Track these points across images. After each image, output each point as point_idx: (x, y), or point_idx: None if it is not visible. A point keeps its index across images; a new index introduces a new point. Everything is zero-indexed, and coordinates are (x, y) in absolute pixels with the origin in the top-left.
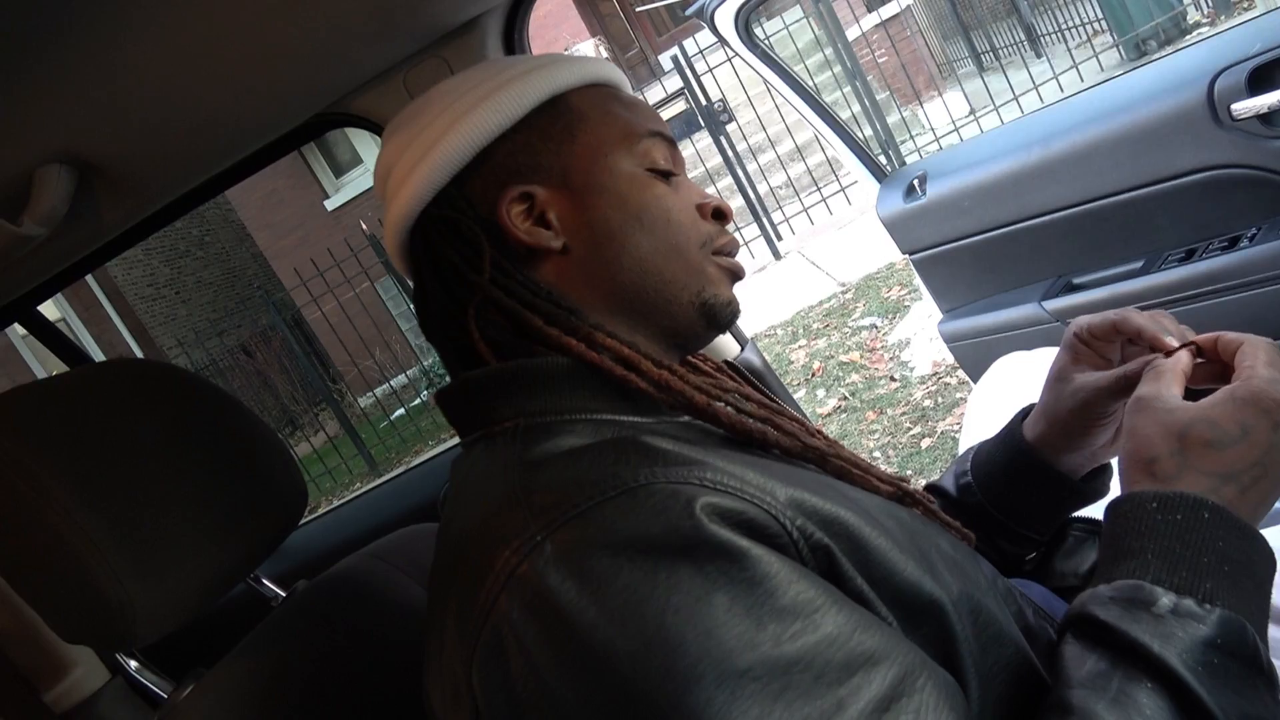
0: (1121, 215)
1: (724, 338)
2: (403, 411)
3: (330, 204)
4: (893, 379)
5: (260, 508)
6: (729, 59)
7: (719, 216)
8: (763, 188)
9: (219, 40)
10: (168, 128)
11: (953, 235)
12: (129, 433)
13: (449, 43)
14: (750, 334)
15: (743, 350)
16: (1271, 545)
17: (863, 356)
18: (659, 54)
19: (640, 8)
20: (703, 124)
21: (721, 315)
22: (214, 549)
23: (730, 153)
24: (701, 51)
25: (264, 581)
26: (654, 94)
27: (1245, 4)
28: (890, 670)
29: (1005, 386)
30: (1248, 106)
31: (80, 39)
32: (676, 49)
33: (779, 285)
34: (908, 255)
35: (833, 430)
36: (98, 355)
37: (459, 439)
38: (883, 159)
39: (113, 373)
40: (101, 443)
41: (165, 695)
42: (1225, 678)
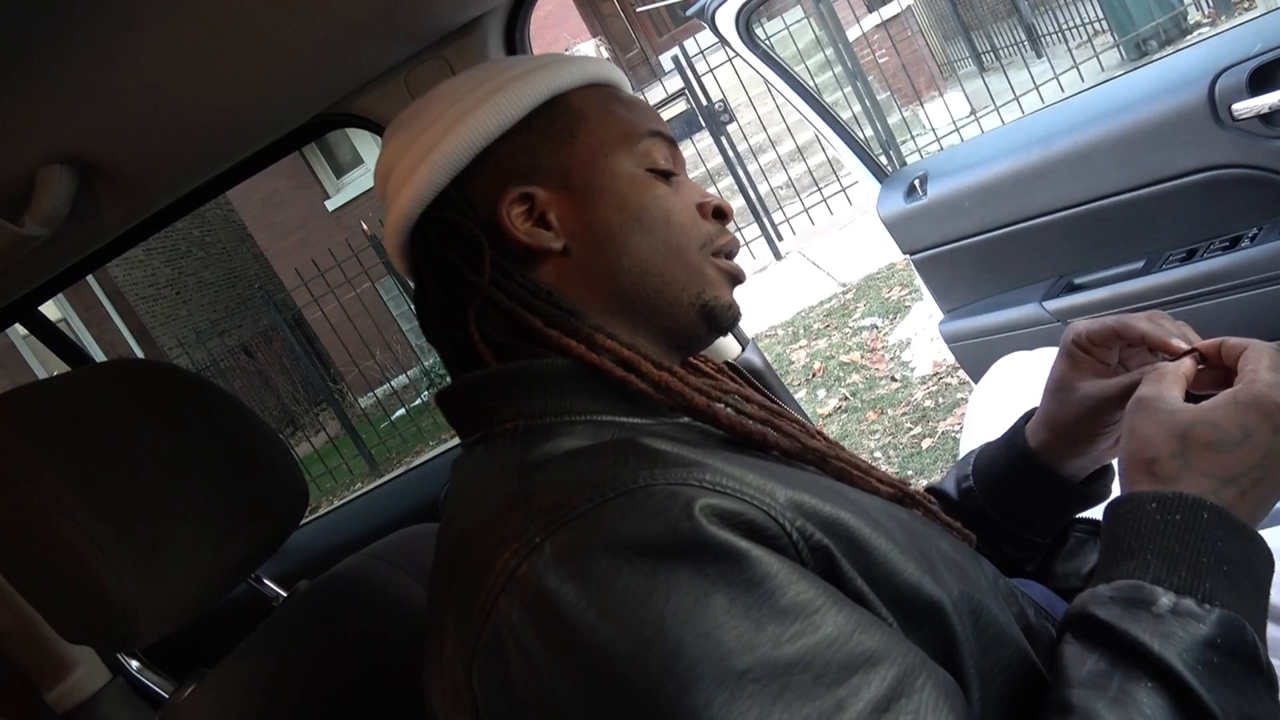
0: (1122, 215)
1: (725, 338)
2: (403, 412)
3: (331, 204)
4: (893, 379)
5: (261, 508)
6: (730, 59)
7: (719, 216)
8: (763, 188)
9: (220, 41)
10: (169, 128)
11: (953, 235)
12: (130, 433)
13: (450, 43)
14: (751, 334)
15: (744, 350)
16: (1270, 546)
17: (863, 357)
18: (660, 54)
19: (641, 8)
20: (703, 124)
21: (722, 318)
22: (215, 549)
23: (731, 153)
24: (702, 52)
25: (265, 581)
26: (655, 94)
27: (1246, 4)
28: (890, 671)
29: (1006, 387)
30: (1249, 106)
31: (82, 40)
32: (677, 49)
33: (780, 285)
34: (908, 255)
35: (833, 430)
36: (99, 355)
37: (459, 440)
38: (883, 159)
39: (114, 373)
40: (103, 443)
41: (166, 695)
42: (1225, 677)
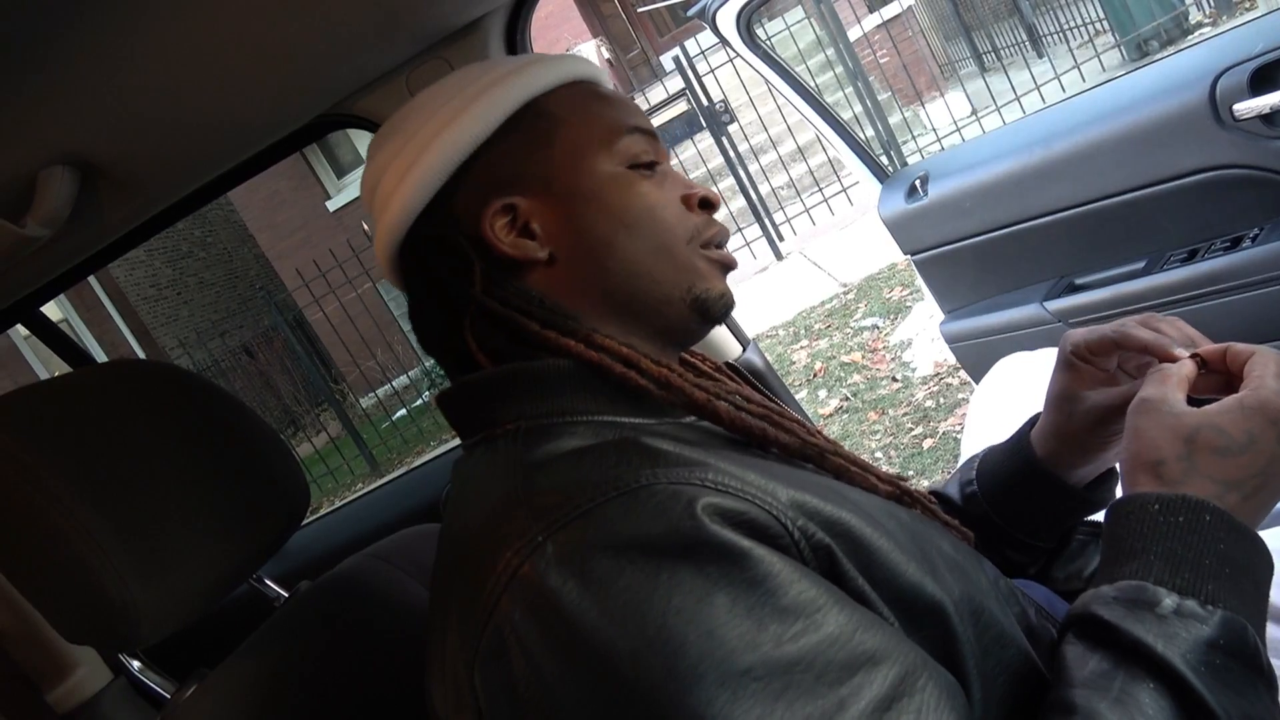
0: (1123, 215)
1: (726, 339)
2: (404, 412)
3: (332, 205)
4: (894, 379)
5: (262, 508)
6: (731, 59)
7: (706, 206)
8: (764, 188)
9: (222, 42)
10: (171, 129)
11: (955, 235)
12: (131, 433)
13: (451, 43)
14: (752, 334)
15: (745, 351)
16: (1269, 547)
17: (864, 357)
18: (661, 55)
19: (642, 8)
20: (704, 125)
21: (715, 308)
22: (217, 549)
23: (732, 153)
24: (703, 52)
25: (266, 582)
26: (656, 94)
27: (1247, 4)
28: (891, 670)
29: (1007, 387)
30: (1250, 107)
31: (84, 41)
32: (678, 49)
33: (781, 286)
34: (909, 256)
35: (834, 431)
36: (100, 356)
37: (460, 441)
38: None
39: (115, 373)
40: (104, 443)
41: (168, 696)
42: (1227, 678)
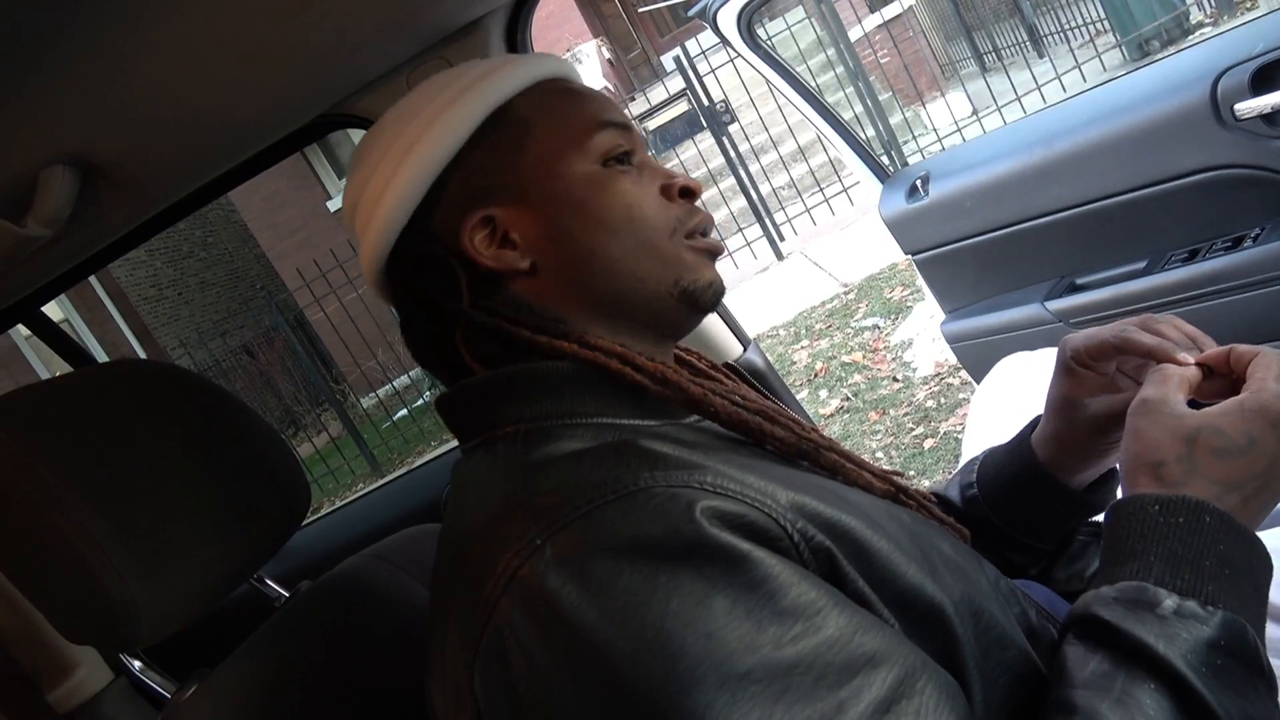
0: (1124, 215)
1: (727, 338)
2: (405, 412)
3: (333, 205)
4: (895, 379)
5: (263, 508)
6: (731, 59)
7: (686, 194)
8: (765, 188)
9: (222, 42)
10: (171, 129)
11: (955, 235)
12: (132, 433)
13: (452, 43)
14: (753, 334)
15: (745, 351)
16: (1268, 548)
17: (865, 357)
18: (661, 55)
19: (643, 8)
20: (705, 125)
21: (704, 298)
22: (217, 549)
23: (733, 153)
24: (704, 52)
25: (267, 582)
26: (656, 94)
27: (1248, 4)
28: (891, 672)
29: (1008, 387)
30: (1251, 106)
31: (84, 41)
32: (679, 49)
33: (781, 286)
34: (910, 255)
35: (835, 431)
36: (101, 356)
37: (459, 444)
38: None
39: (116, 373)
40: (105, 443)
41: (169, 695)
42: (1228, 679)
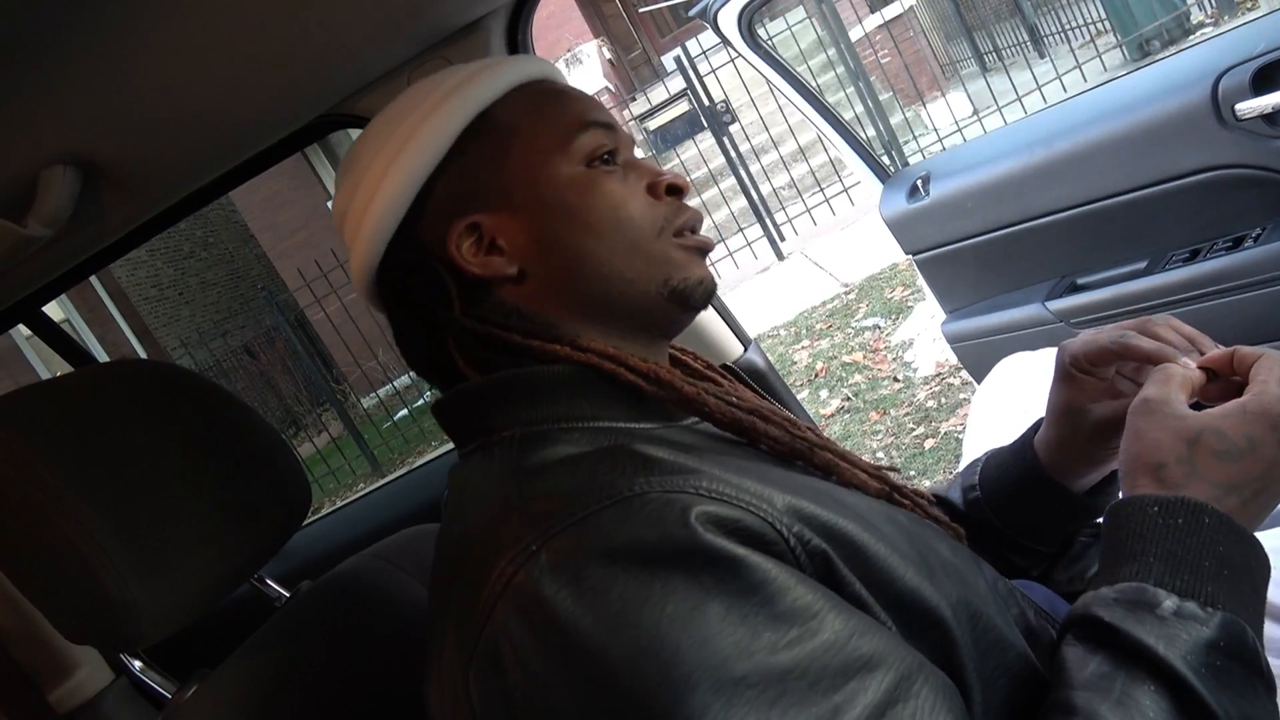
0: (1125, 215)
1: (727, 338)
2: (406, 412)
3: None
4: (896, 379)
5: (264, 508)
6: (732, 60)
7: (673, 192)
8: (766, 188)
9: (223, 41)
10: (172, 129)
11: (956, 235)
12: (133, 433)
13: (453, 43)
14: (753, 334)
15: (746, 351)
16: (1267, 548)
17: (866, 357)
18: (662, 55)
19: (643, 8)
20: (706, 125)
21: (695, 296)
22: (218, 549)
23: (733, 153)
24: (705, 52)
25: (268, 582)
26: (657, 94)
27: (1249, 4)
28: (887, 676)
29: (1009, 387)
30: (1252, 106)
31: (85, 40)
32: (679, 50)
33: (782, 286)
34: (911, 256)
35: (836, 431)
36: (102, 356)
37: (456, 449)
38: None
39: (117, 373)
40: (105, 443)
41: (169, 695)
42: (1227, 680)
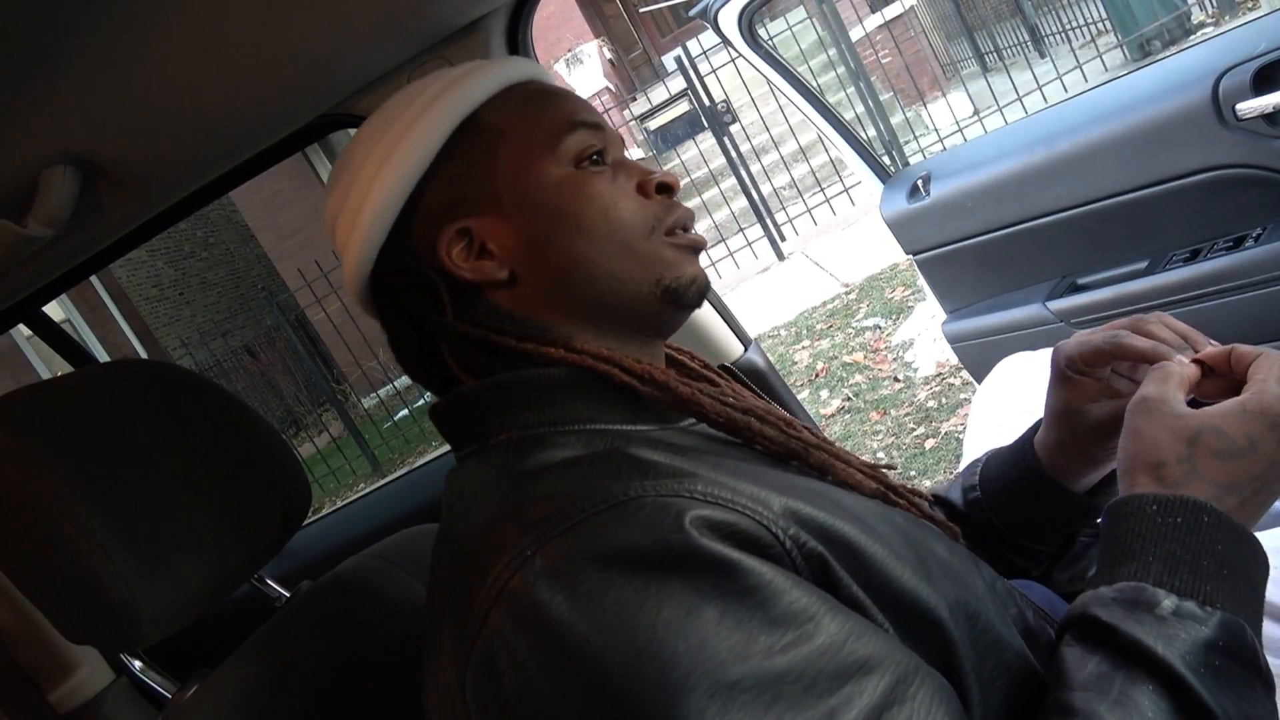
0: (1126, 215)
1: (728, 339)
2: (406, 412)
3: None
4: (896, 379)
5: (264, 508)
6: (732, 60)
7: (664, 190)
8: (766, 188)
9: (224, 41)
10: (173, 129)
11: (956, 235)
12: (133, 433)
13: (453, 43)
14: (754, 335)
15: (746, 351)
16: (1266, 548)
17: (866, 357)
18: (662, 55)
19: (644, 8)
20: (706, 125)
21: (686, 294)
22: (218, 550)
23: (734, 153)
24: (705, 52)
25: (268, 582)
26: (658, 94)
27: (1250, 4)
28: (884, 678)
29: (1010, 387)
30: (1253, 106)
31: (86, 40)
32: (680, 50)
33: (782, 286)
34: (911, 256)
35: (836, 431)
36: (102, 356)
37: (454, 452)
38: (886, 159)
39: (117, 373)
40: (106, 443)
41: (169, 695)
42: (1226, 679)
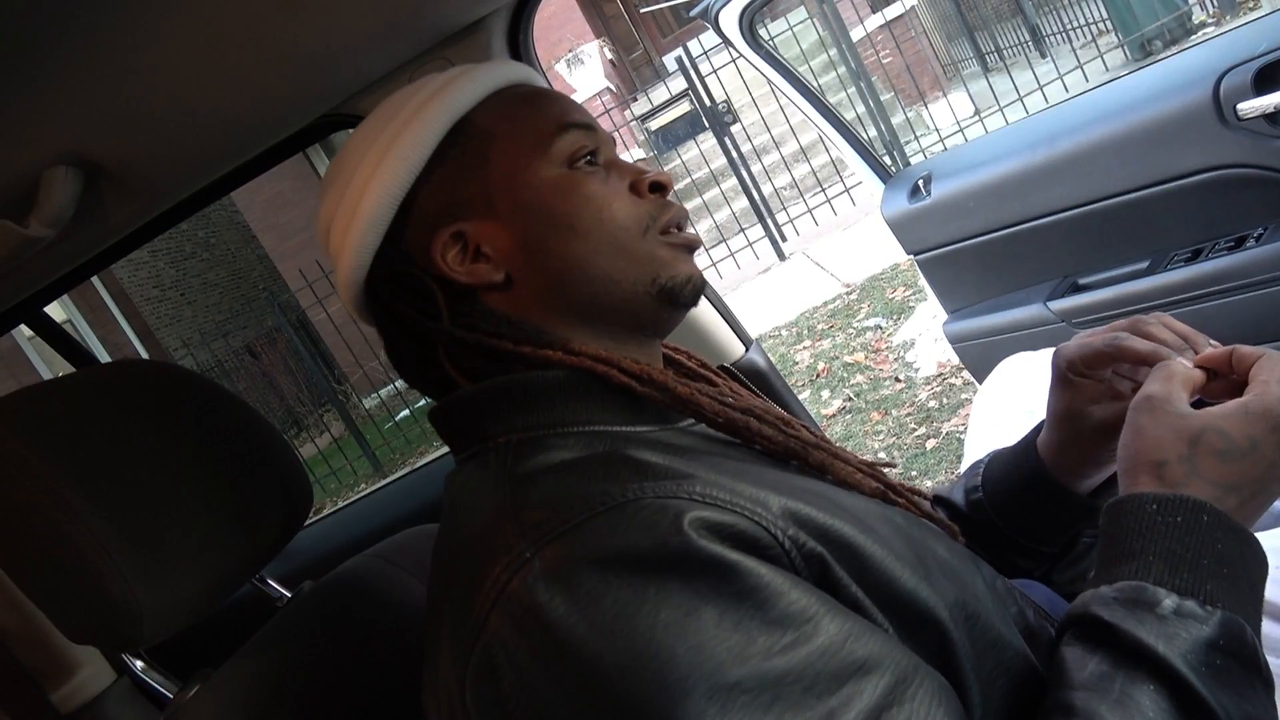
0: (1127, 215)
1: (729, 339)
2: (407, 412)
3: None
4: (897, 380)
5: (266, 509)
6: (733, 60)
7: (657, 189)
8: (767, 189)
9: (226, 42)
10: (174, 129)
11: (957, 236)
12: (134, 434)
13: (454, 44)
14: (755, 335)
15: (747, 351)
16: (1265, 548)
17: (867, 357)
18: (663, 55)
19: (645, 9)
20: (707, 125)
21: (683, 293)
22: (220, 550)
23: (735, 154)
24: (706, 53)
25: (269, 582)
26: (658, 95)
27: (1251, 3)
28: (883, 679)
29: (1011, 387)
30: (1253, 106)
31: (87, 40)
32: (681, 50)
33: (784, 286)
34: (912, 256)
35: (837, 431)
36: (104, 356)
37: (453, 455)
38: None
39: (118, 374)
40: (107, 444)
41: (171, 695)
42: (1227, 679)
